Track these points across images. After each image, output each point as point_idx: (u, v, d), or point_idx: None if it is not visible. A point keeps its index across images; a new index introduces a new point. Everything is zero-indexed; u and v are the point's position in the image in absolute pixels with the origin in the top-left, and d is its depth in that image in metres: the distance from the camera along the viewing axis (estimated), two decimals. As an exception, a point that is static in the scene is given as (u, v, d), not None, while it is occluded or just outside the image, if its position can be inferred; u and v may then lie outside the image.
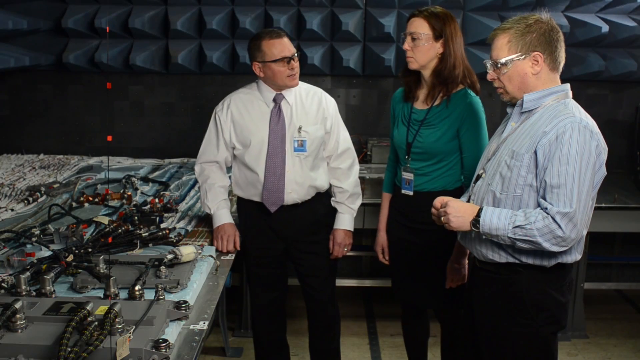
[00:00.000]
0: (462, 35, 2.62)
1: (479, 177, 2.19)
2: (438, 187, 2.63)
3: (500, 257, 2.09)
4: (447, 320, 2.86)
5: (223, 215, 2.80)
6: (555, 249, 1.96)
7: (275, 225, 2.85)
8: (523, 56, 2.03)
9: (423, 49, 2.55)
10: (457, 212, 2.07)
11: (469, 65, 2.64)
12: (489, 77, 2.12)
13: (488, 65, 2.10)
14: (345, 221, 2.91)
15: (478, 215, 2.03)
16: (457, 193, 2.46)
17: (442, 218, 2.10)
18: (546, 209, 1.94)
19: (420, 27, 2.55)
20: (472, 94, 2.61)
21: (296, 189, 2.78)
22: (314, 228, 2.89)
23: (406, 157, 2.68)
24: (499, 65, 2.06)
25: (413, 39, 2.55)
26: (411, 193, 2.68)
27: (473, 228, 2.05)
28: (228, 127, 2.79)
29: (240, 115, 2.78)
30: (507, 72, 2.06)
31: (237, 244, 2.74)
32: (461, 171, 2.64)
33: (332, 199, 2.93)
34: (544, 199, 1.96)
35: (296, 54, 2.70)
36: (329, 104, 2.85)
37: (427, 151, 2.63)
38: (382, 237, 2.90)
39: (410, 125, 2.68)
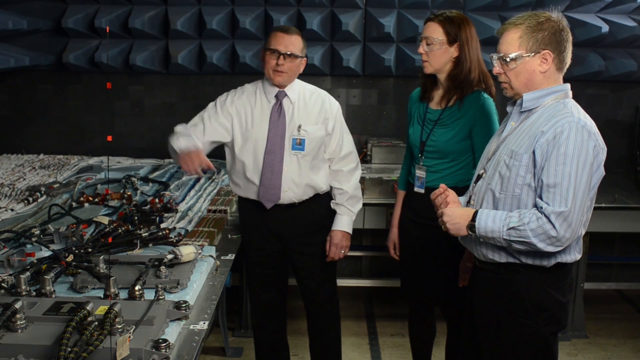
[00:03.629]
0: (478, 39, 2.63)
1: (479, 177, 2.20)
2: (449, 184, 2.62)
3: (500, 257, 2.09)
4: (454, 318, 2.86)
5: (185, 143, 2.64)
6: (550, 249, 1.96)
7: (271, 225, 2.85)
8: (533, 53, 2.02)
9: (437, 54, 2.58)
10: (452, 219, 2.09)
11: (485, 69, 2.66)
12: (494, 71, 2.11)
13: (495, 59, 2.09)
14: (343, 223, 2.90)
15: (473, 219, 2.03)
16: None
17: (442, 226, 2.13)
18: (542, 208, 1.94)
19: (434, 32, 2.57)
20: (485, 95, 2.63)
21: (292, 187, 2.77)
22: (311, 229, 2.88)
23: (420, 155, 2.71)
24: (508, 60, 2.05)
25: (427, 44, 2.58)
26: (422, 191, 2.70)
27: (470, 232, 2.06)
28: (230, 119, 2.76)
29: (243, 109, 2.78)
30: (515, 68, 2.04)
31: (203, 163, 2.55)
32: (473, 170, 2.66)
33: (332, 200, 2.92)
34: (541, 198, 1.97)
35: (291, 55, 2.66)
36: (332, 105, 2.85)
37: (440, 150, 2.66)
38: (394, 233, 2.92)
39: (424, 124, 2.70)
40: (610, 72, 4.23)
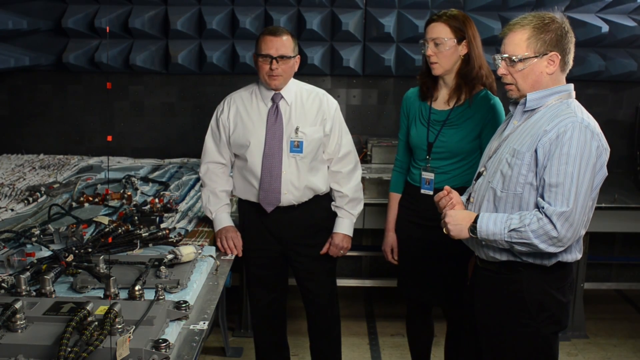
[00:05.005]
0: (479, 36, 2.64)
1: (479, 174, 2.20)
2: (458, 184, 2.62)
3: (502, 256, 2.09)
4: (455, 319, 2.86)
5: (224, 219, 2.80)
6: (552, 249, 1.96)
7: (271, 227, 2.84)
8: (541, 55, 2.01)
9: (447, 54, 2.56)
10: (454, 221, 2.09)
11: (488, 65, 2.65)
12: (499, 72, 2.08)
13: (499, 59, 2.07)
14: (344, 226, 2.89)
15: (475, 221, 2.03)
16: None
17: (443, 229, 2.13)
18: (543, 208, 1.94)
19: (442, 32, 2.56)
20: (492, 94, 2.63)
21: (292, 190, 2.76)
22: (311, 231, 2.88)
23: (426, 157, 2.69)
24: (516, 61, 2.03)
25: (436, 45, 2.56)
26: (431, 193, 2.68)
27: (471, 234, 2.06)
28: (228, 127, 2.79)
29: (240, 115, 2.78)
30: (523, 70, 2.03)
31: (238, 248, 2.74)
32: None
33: (332, 203, 2.91)
34: (542, 198, 1.97)
35: (283, 57, 2.65)
36: (330, 105, 2.83)
37: (450, 150, 2.65)
38: (391, 237, 2.90)
39: (430, 125, 2.68)
40: (610, 72, 4.23)
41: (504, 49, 2.07)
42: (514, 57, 2.03)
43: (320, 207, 2.89)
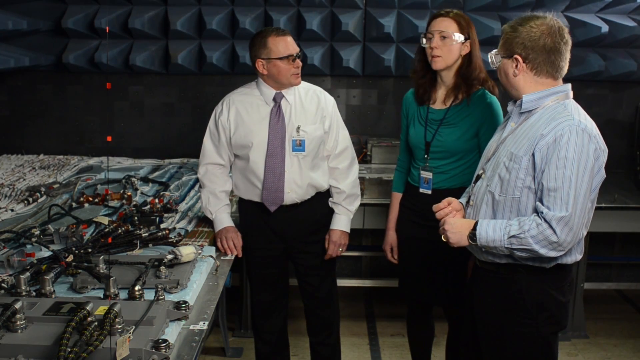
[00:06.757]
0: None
1: (478, 177, 2.19)
2: (457, 184, 2.63)
3: (501, 258, 2.09)
4: (456, 319, 2.86)
5: (224, 219, 2.81)
6: (552, 254, 1.95)
7: (274, 225, 2.85)
8: (505, 56, 2.05)
9: (452, 49, 2.57)
10: (453, 228, 2.09)
11: (484, 69, 2.67)
12: (492, 66, 2.15)
13: (493, 56, 2.12)
14: (341, 222, 2.90)
15: (474, 228, 2.03)
16: None
17: (442, 236, 2.13)
18: (542, 213, 1.94)
19: (450, 26, 2.57)
20: (490, 94, 2.64)
21: (295, 188, 2.77)
22: (313, 228, 2.89)
23: (425, 156, 2.69)
24: (495, 61, 2.11)
25: (443, 38, 2.56)
26: (429, 192, 2.68)
27: (471, 242, 2.06)
28: (228, 128, 2.79)
29: (240, 116, 2.78)
30: (499, 68, 2.10)
31: (238, 248, 2.75)
32: None
33: (330, 199, 2.91)
34: (541, 202, 1.96)
35: (299, 53, 2.72)
36: (328, 102, 2.85)
37: (447, 150, 2.65)
38: (391, 236, 2.90)
39: (428, 124, 2.69)
40: (610, 72, 4.23)
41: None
42: (494, 55, 2.10)
43: (322, 203, 2.90)
